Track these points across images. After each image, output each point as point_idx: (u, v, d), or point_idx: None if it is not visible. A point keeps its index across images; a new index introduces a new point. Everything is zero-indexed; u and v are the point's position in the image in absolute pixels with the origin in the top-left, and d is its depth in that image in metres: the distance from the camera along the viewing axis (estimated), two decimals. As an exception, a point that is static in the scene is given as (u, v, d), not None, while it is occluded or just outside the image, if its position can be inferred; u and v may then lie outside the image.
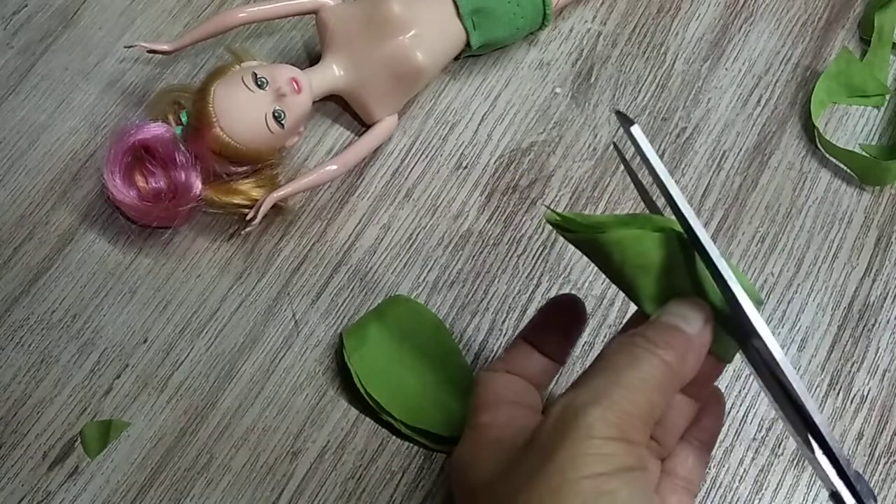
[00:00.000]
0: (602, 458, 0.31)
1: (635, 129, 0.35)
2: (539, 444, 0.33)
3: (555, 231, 0.40)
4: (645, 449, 0.33)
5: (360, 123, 0.56)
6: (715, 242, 0.53)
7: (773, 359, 0.34)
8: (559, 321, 0.42)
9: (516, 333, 0.41)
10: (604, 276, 0.39)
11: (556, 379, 0.45)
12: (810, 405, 0.33)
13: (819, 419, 0.33)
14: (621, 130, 0.56)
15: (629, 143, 0.36)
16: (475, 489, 0.35)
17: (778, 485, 0.49)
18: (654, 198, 0.41)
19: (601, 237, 0.36)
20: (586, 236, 0.37)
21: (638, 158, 0.36)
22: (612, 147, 0.55)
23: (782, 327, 0.52)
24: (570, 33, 0.59)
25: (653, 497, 0.34)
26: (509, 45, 0.58)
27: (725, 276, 0.34)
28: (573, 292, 0.52)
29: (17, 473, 0.48)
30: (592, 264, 0.39)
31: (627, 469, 0.31)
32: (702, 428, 0.40)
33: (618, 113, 0.36)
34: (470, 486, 0.35)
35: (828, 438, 0.33)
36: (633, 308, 0.41)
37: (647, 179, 0.39)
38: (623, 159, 0.42)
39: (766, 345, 0.34)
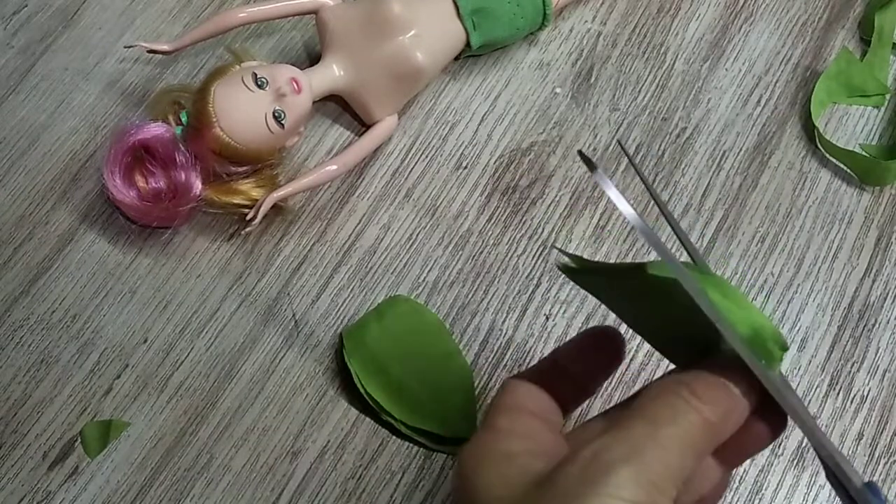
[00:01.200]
0: None
1: (598, 175, 0.32)
2: (560, 486, 0.31)
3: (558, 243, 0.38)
4: None
5: (360, 123, 0.56)
6: (715, 243, 0.53)
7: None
8: (597, 352, 0.39)
9: (550, 351, 0.39)
10: None
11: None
12: (847, 468, 0.32)
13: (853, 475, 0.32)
14: (624, 137, 0.56)
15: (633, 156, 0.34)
16: (477, 500, 0.34)
17: (778, 485, 0.49)
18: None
19: (608, 278, 0.35)
20: (592, 278, 0.36)
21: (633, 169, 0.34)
22: (612, 147, 0.55)
23: (782, 327, 0.52)
24: (570, 33, 0.59)
25: None
26: (509, 45, 0.58)
27: (739, 350, 0.31)
28: (573, 293, 0.52)
29: (17, 473, 0.48)
30: None
31: None
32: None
33: (580, 153, 0.34)
34: (472, 494, 0.34)
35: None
36: None
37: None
38: (641, 176, 0.39)
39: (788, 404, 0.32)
